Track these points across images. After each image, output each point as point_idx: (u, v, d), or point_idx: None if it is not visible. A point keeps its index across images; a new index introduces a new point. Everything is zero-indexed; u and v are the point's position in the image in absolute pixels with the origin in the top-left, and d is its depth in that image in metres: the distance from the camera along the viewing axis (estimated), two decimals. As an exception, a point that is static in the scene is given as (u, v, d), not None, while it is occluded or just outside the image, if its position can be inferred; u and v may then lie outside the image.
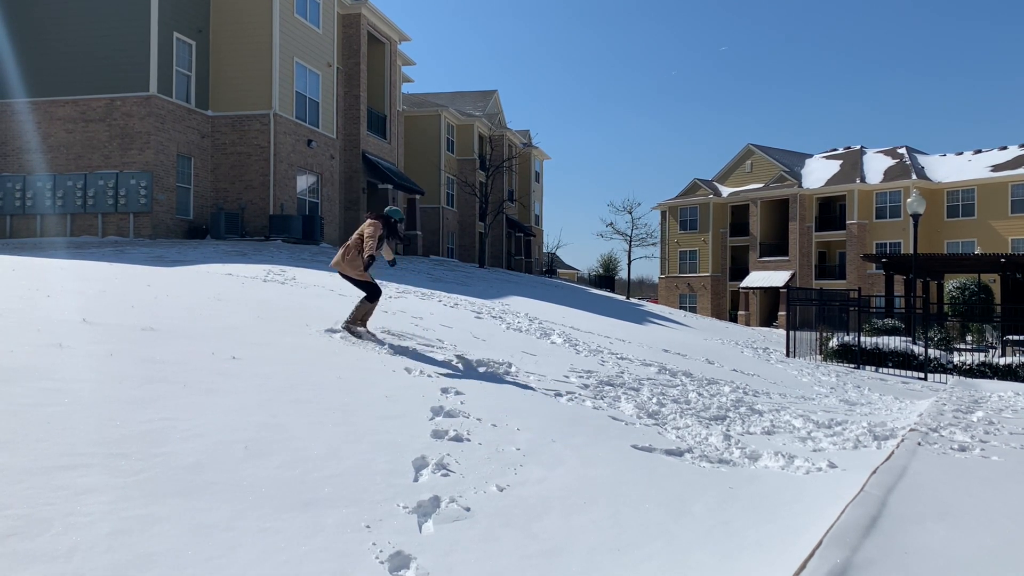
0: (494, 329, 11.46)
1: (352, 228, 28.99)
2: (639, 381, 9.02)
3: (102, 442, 3.84)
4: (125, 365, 5.30)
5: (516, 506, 4.13)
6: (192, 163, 23.06)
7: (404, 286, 15.23)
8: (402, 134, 34.98)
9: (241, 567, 3.00)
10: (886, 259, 25.90)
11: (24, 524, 2.95)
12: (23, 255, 13.02)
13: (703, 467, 5.51)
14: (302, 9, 25.15)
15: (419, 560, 3.32)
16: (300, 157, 24.99)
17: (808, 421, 7.93)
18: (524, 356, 9.29)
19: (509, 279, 27.66)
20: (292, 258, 17.48)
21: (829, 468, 5.70)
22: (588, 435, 5.89)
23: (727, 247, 54.83)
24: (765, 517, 4.45)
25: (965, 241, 44.95)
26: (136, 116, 21.45)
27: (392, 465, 4.38)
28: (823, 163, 52.95)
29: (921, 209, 18.59)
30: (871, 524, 4.11)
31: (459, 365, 7.73)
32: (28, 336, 5.56)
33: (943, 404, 10.06)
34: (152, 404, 4.56)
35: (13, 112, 22.24)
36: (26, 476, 3.32)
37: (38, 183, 21.78)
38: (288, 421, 4.80)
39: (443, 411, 5.72)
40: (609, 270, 73.70)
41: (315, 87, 26.00)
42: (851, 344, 18.65)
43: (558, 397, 7.17)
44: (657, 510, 4.39)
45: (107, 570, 2.79)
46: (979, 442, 6.97)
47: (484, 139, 43.34)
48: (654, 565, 3.64)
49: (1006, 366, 16.63)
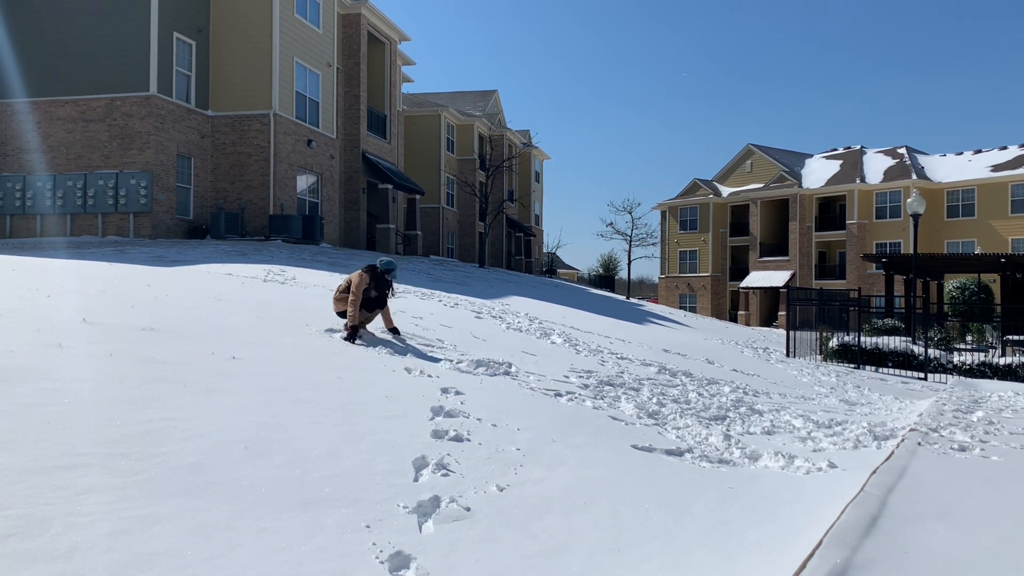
0: (494, 329, 11.46)
1: (352, 228, 29.02)
2: (639, 381, 9.02)
3: (102, 442, 3.84)
4: (125, 365, 5.30)
5: (516, 506, 4.13)
6: (192, 163, 23.06)
7: (404, 286, 15.24)
8: (402, 134, 34.98)
9: (241, 567, 3.00)
10: (886, 259, 25.90)
11: (24, 524, 2.95)
12: (23, 255, 13.02)
13: (703, 467, 5.51)
14: (302, 9, 25.15)
15: (419, 560, 3.32)
16: (300, 157, 25.00)
17: (808, 421, 7.93)
18: (524, 356, 9.29)
19: (509, 279, 27.66)
20: (292, 258, 17.48)
21: (829, 468, 5.70)
22: (588, 435, 5.89)
23: (727, 247, 54.83)
24: (765, 517, 4.45)
25: (965, 241, 44.95)
26: (136, 116, 21.45)
27: (392, 465, 4.38)
28: (823, 163, 52.96)
29: (921, 209, 18.59)
30: (871, 524, 4.11)
31: (459, 365, 7.73)
32: (28, 336, 5.56)
33: (943, 404, 10.06)
34: (152, 404, 4.56)
35: (13, 112, 22.24)
36: (26, 476, 3.32)
37: (38, 183, 21.78)
38: (288, 421, 4.80)
39: (443, 411, 5.72)
40: (609, 270, 73.70)
41: (315, 87, 26.00)
42: (851, 344, 18.65)
43: (558, 397, 7.17)
44: (657, 510, 4.39)
45: (107, 570, 2.78)
46: (979, 442, 6.97)
47: (484, 139, 43.34)
48: (654, 565, 3.64)
49: (1006, 366, 16.63)
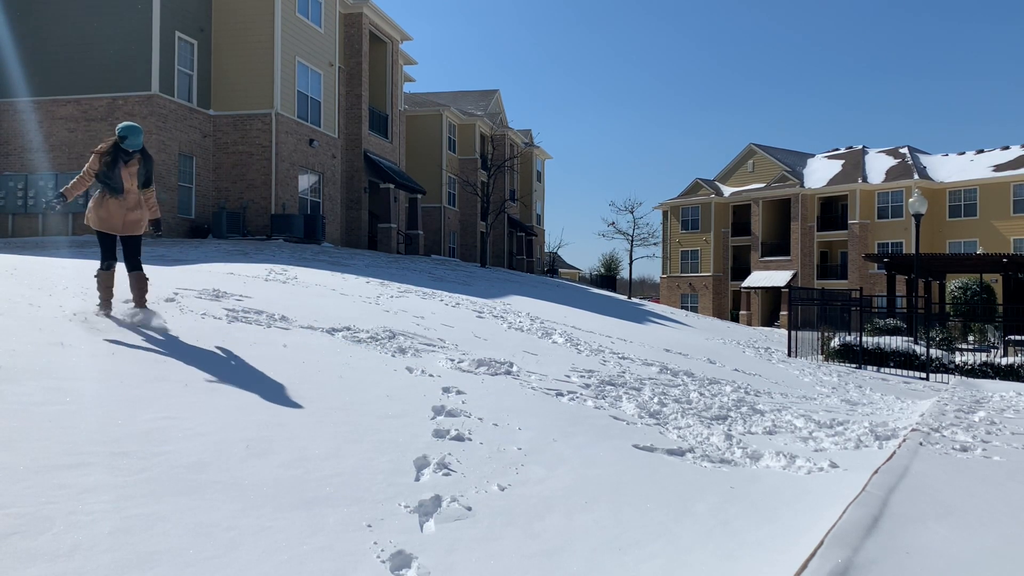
0: (496, 328, 11.46)
1: (354, 227, 29.00)
2: (640, 381, 9.02)
3: (104, 441, 3.85)
4: (126, 364, 5.31)
5: (517, 505, 4.13)
6: (194, 162, 23.08)
7: (406, 285, 15.24)
8: (404, 133, 34.98)
9: (242, 566, 3.00)
10: (888, 259, 25.87)
11: (26, 523, 2.95)
12: (25, 254, 13.03)
13: (704, 467, 5.51)
14: (304, 8, 25.16)
15: (420, 559, 3.32)
16: (302, 156, 25.01)
17: (810, 421, 7.93)
18: (526, 355, 9.29)
19: (511, 278, 27.66)
20: (294, 257, 17.48)
21: (831, 468, 5.70)
22: (589, 435, 5.89)
23: (729, 247, 54.80)
24: (766, 517, 4.44)
25: (967, 241, 44.90)
26: (138, 115, 21.45)
27: (393, 464, 4.38)
28: (825, 163, 52.91)
29: (923, 209, 18.56)
30: (873, 524, 4.10)
31: (461, 364, 7.73)
32: (30, 335, 5.57)
33: (945, 404, 10.05)
34: (153, 403, 4.56)
35: (15, 111, 22.26)
36: (28, 475, 3.33)
37: (40, 182, 21.80)
38: (289, 420, 4.80)
39: (444, 410, 5.72)
40: (611, 270, 73.67)
41: (317, 86, 26.00)
42: (853, 344, 18.63)
43: (559, 397, 7.17)
44: (658, 510, 4.39)
45: (109, 569, 2.79)
46: (981, 442, 6.96)
47: (486, 138, 43.31)
48: (655, 565, 3.64)
49: (1008, 366, 16.60)
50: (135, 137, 6.43)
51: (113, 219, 6.48)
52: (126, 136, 6.41)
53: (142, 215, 6.64)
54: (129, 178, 6.46)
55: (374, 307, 10.97)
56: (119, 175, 6.41)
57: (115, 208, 6.46)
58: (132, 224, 6.58)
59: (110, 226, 6.50)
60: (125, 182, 6.44)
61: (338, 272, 15.37)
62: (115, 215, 6.47)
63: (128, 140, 6.41)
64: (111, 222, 6.48)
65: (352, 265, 18.12)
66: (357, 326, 8.73)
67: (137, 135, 6.44)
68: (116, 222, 6.50)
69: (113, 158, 6.39)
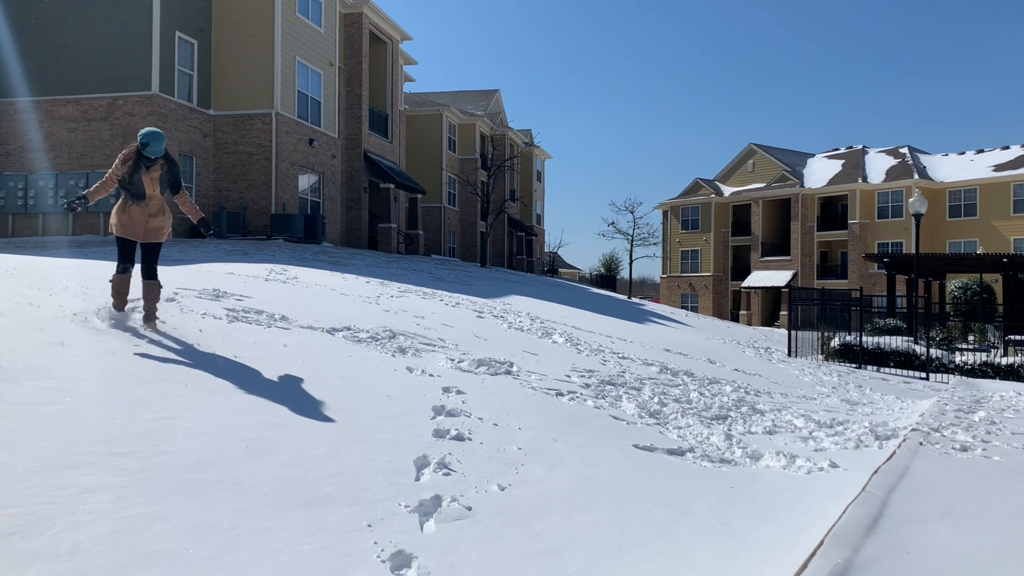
0: (496, 328, 11.47)
1: (354, 227, 29.01)
2: (640, 380, 9.02)
3: (104, 441, 3.85)
4: (126, 364, 5.31)
5: (518, 505, 4.13)
6: (194, 162, 23.08)
7: (406, 285, 15.24)
8: (404, 133, 34.98)
9: (242, 566, 3.00)
10: (888, 259, 25.86)
11: (26, 523, 2.95)
12: (25, 254, 13.03)
13: (704, 467, 5.51)
14: (304, 8, 25.16)
15: (420, 559, 3.32)
16: (302, 156, 25.01)
17: (810, 421, 7.93)
18: (526, 355, 9.29)
19: (511, 278, 27.66)
20: (294, 257, 17.48)
21: (831, 468, 5.70)
22: (590, 434, 5.89)
23: (729, 247, 54.81)
24: (766, 517, 4.44)
25: (967, 241, 44.90)
26: (138, 115, 21.46)
27: (393, 464, 4.38)
28: (825, 163, 52.91)
29: (923, 209, 18.56)
30: (873, 524, 4.10)
31: (461, 364, 7.73)
32: (30, 335, 5.57)
33: (945, 404, 10.05)
34: (153, 403, 4.56)
35: (15, 111, 22.27)
36: (28, 475, 3.33)
37: (40, 182, 21.80)
38: (289, 420, 4.80)
39: (444, 410, 5.72)
40: (611, 270, 73.64)
41: (317, 86, 26.01)
42: (853, 344, 18.63)
43: (559, 396, 7.16)
44: (658, 510, 4.39)
45: (109, 568, 2.79)
46: (981, 442, 6.96)
47: (486, 138, 43.31)
48: (655, 564, 3.64)
49: (1008, 366, 16.60)
50: (157, 144, 6.39)
51: (135, 225, 6.48)
52: (148, 143, 6.38)
53: (164, 222, 6.61)
54: (151, 184, 6.44)
55: (374, 307, 10.97)
56: (140, 181, 6.40)
57: (137, 214, 6.45)
58: (153, 231, 6.56)
59: (132, 232, 6.49)
60: (147, 188, 6.43)
61: (338, 272, 15.37)
62: (137, 221, 6.47)
63: (150, 147, 6.38)
64: (132, 228, 6.48)
65: (352, 265, 18.13)
66: (357, 326, 8.73)
67: (159, 141, 6.41)
68: (138, 229, 6.49)
69: (135, 164, 6.38)
